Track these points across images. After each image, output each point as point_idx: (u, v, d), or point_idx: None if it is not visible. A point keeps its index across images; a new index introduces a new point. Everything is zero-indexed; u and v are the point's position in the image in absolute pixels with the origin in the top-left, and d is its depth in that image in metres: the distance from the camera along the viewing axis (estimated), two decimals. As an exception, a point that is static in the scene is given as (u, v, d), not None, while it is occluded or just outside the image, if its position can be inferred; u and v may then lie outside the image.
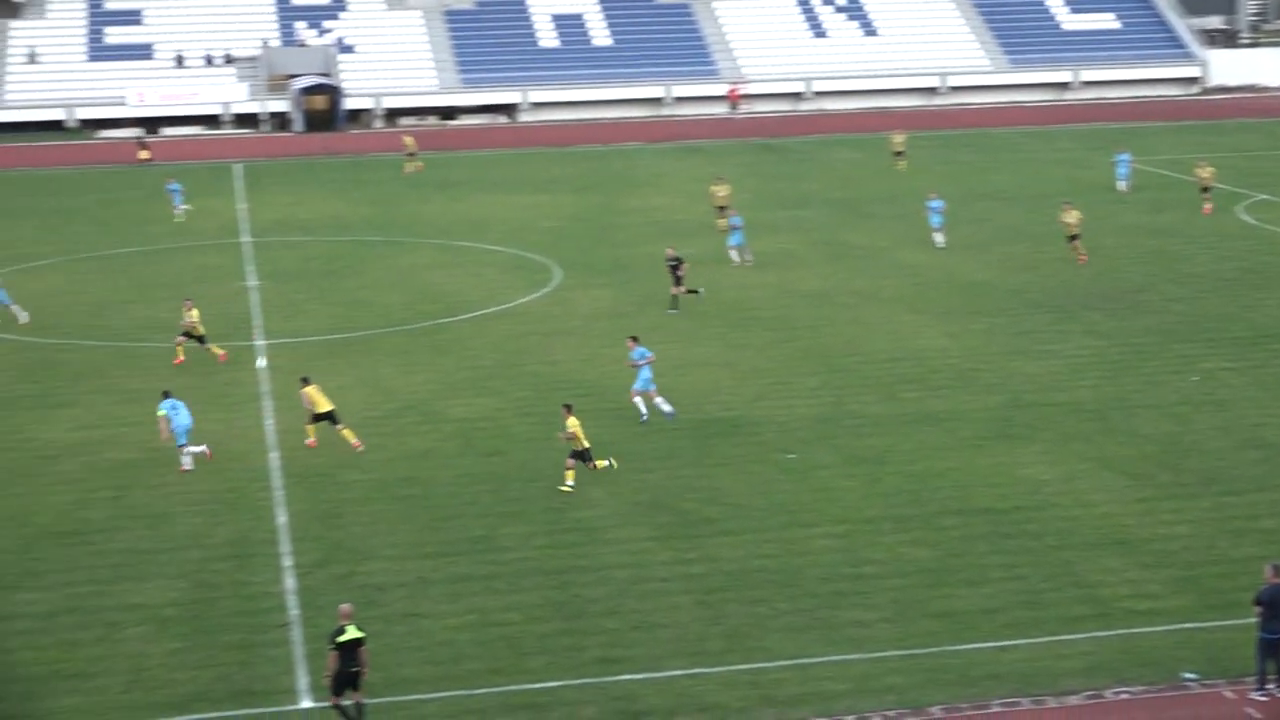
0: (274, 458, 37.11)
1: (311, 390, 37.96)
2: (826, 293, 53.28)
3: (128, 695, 25.75)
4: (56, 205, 74.88)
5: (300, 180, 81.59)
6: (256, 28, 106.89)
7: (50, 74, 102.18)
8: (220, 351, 45.37)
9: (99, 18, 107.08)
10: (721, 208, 63.54)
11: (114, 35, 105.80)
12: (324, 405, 37.79)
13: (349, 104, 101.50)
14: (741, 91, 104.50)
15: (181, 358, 44.93)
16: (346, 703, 24.40)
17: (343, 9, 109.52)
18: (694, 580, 29.66)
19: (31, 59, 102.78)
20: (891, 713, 24.80)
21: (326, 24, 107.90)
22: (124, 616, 28.47)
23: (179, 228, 67.94)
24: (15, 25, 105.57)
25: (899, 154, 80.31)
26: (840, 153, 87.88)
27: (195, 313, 45.12)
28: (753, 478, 35.09)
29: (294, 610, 28.62)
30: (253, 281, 56.74)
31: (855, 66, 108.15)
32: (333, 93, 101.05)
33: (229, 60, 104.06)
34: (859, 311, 50.49)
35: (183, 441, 36.26)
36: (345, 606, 25.00)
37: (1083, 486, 34.12)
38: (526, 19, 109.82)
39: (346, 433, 37.76)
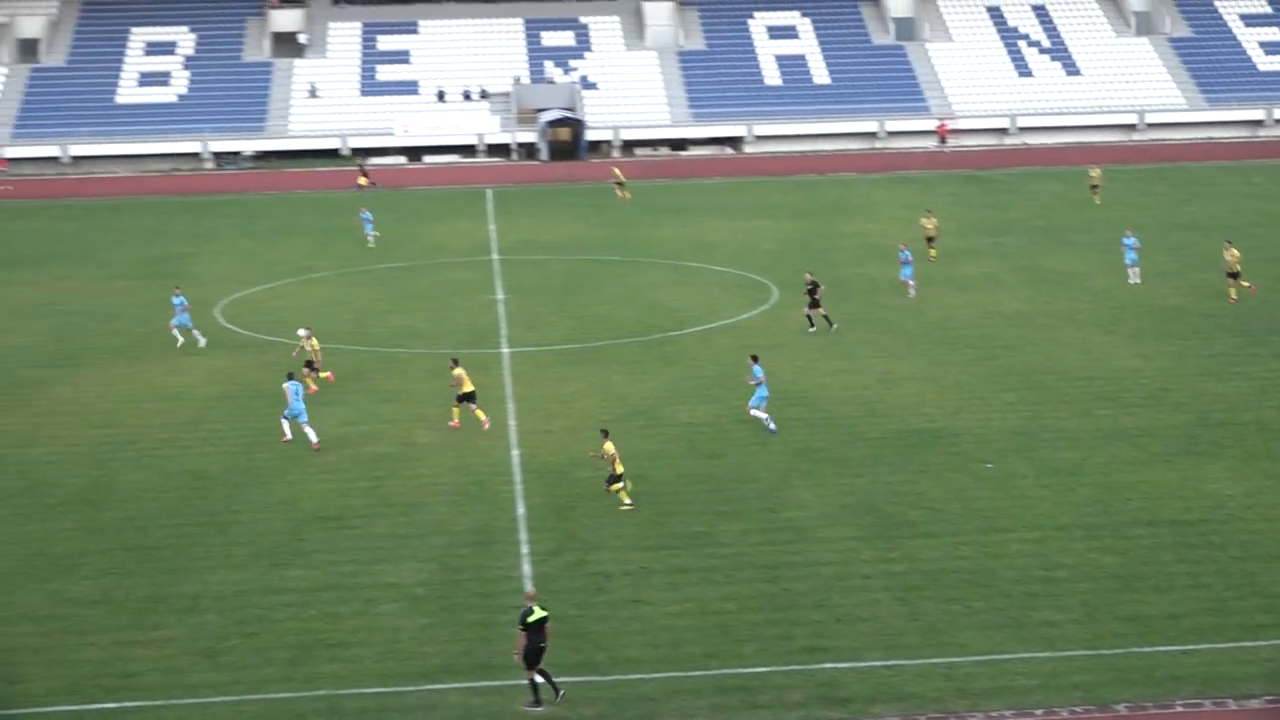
0: (515, 454, 37.58)
1: (460, 371, 39.74)
2: (1025, 314, 52.33)
3: (381, 665, 26.27)
4: (329, 224, 76.80)
5: (544, 204, 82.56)
6: (509, 67, 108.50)
7: (328, 107, 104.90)
8: (327, 374, 44.21)
9: (371, 57, 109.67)
10: (930, 239, 62.73)
11: (384, 73, 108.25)
12: (468, 386, 39.65)
13: (590, 135, 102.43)
14: (950, 126, 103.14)
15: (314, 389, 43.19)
16: (539, 680, 24.71)
17: (587, 49, 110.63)
18: (895, 578, 29.35)
19: (312, 94, 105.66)
20: (1079, 709, 24.27)
21: (572, 63, 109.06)
22: (380, 594, 29.06)
23: (436, 246, 69.19)
24: (299, 64, 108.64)
25: (1095, 188, 78.53)
26: (1042, 184, 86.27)
27: (314, 342, 44.29)
28: (952, 485, 34.61)
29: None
30: (500, 295, 57.54)
31: (1058, 104, 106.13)
32: (576, 125, 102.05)
33: (484, 96, 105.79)
34: (1056, 332, 49.50)
35: (297, 415, 38.29)
36: (530, 590, 25.56)
37: (1267, 501, 33.02)
38: (753, 59, 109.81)
39: (479, 412, 39.48)
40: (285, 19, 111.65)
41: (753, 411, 39.35)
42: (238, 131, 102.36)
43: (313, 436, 38.34)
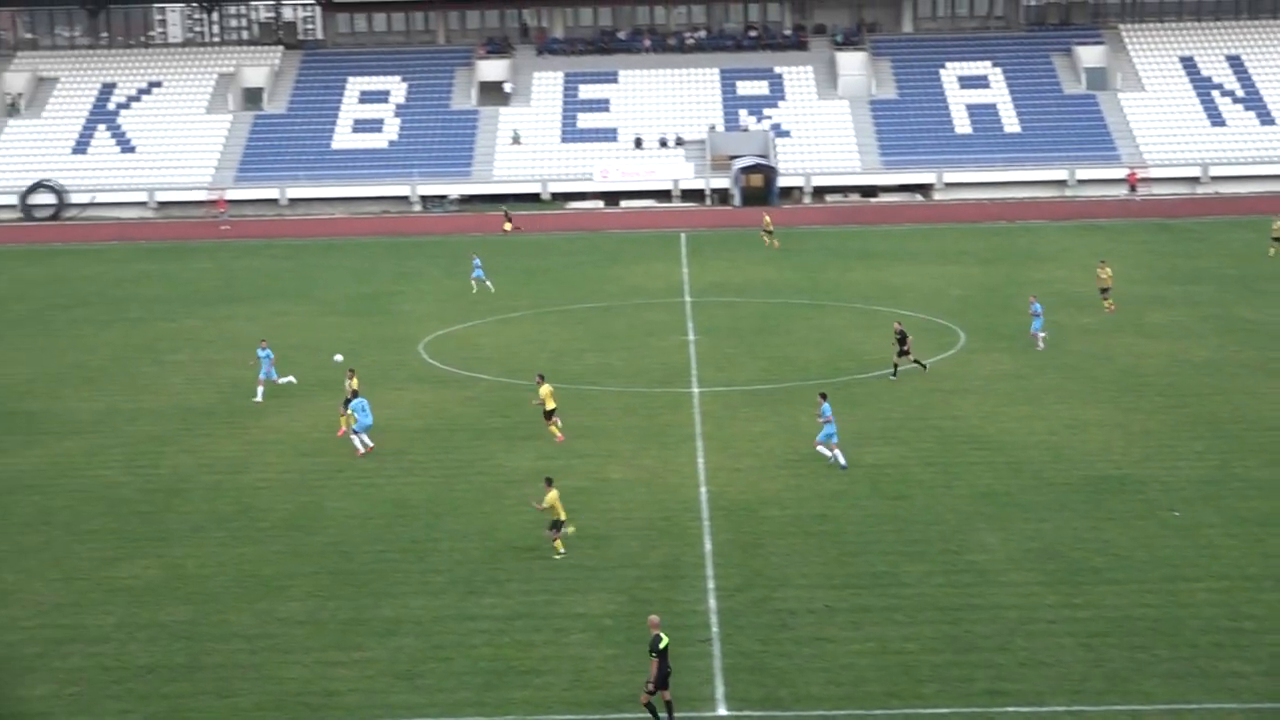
0: (704, 491, 37.55)
1: (546, 390, 42.02)
2: (1215, 363, 50.88)
3: (570, 692, 26.39)
4: (529, 265, 77.77)
5: (736, 248, 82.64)
6: (705, 115, 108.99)
7: (530, 153, 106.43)
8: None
9: (573, 105, 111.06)
10: (1104, 290, 61.24)
11: (585, 120, 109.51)
12: (551, 404, 41.95)
13: (782, 182, 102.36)
14: (1141, 175, 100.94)
15: (344, 429, 42.99)
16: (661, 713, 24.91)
17: (781, 98, 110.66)
18: (1079, 624, 28.66)
19: (515, 140, 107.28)
20: (1266, 762, 23.42)
21: (766, 111, 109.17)
22: (570, 623, 29.21)
23: (632, 287, 69.61)
24: (504, 111, 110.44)
25: (1277, 239, 76.04)
26: (1234, 234, 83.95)
27: (355, 381, 43.89)
28: (1139, 532, 33.71)
29: (715, 628, 28.85)
30: (692, 336, 57.66)
31: (1251, 153, 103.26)
32: (768, 172, 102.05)
33: (680, 143, 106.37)
34: (1248, 381, 48.02)
35: (359, 430, 41.02)
36: (654, 618, 25.56)
37: None
38: (944, 108, 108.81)
39: (554, 428, 41.82)
40: (492, 69, 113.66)
41: (819, 448, 39.30)
42: (445, 176, 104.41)
43: (361, 445, 41.18)
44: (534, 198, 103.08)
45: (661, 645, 24.90)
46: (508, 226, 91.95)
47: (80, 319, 65.01)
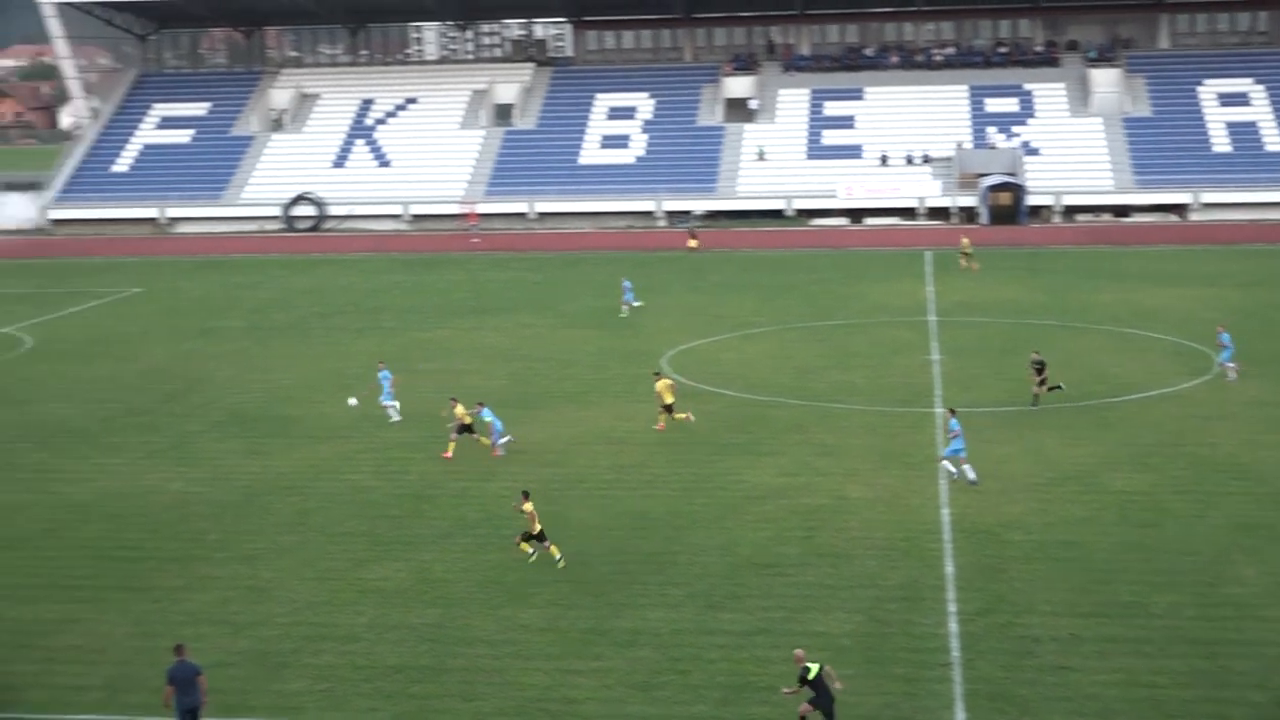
0: (945, 513, 36.96)
1: (662, 385, 45.30)
2: None
3: (807, 711, 26.16)
4: (773, 281, 77.68)
5: (983, 267, 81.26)
6: (952, 132, 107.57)
7: (775, 170, 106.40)
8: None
9: (818, 122, 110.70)
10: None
11: (830, 137, 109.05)
12: (669, 398, 45.23)
13: (1031, 200, 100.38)
14: None
15: (450, 454, 43.52)
16: None
17: (1030, 115, 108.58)
18: (1342, 664, 27.36)
19: (760, 157, 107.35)
20: None
21: (1015, 129, 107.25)
22: (808, 642, 28.96)
23: (877, 305, 69.02)
24: (749, 128, 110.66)
25: None
26: None
27: (460, 409, 44.05)
28: None
29: (955, 652, 28.34)
30: (936, 355, 56.88)
31: None
32: (1017, 190, 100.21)
33: (926, 160, 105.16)
34: None
35: (499, 439, 43.05)
36: (799, 652, 25.27)
37: None
38: (1201, 125, 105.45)
39: (680, 416, 45.20)
40: (738, 85, 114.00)
41: (944, 462, 39.25)
42: (689, 192, 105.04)
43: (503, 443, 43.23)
44: (777, 214, 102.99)
45: (811, 675, 24.57)
46: (693, 243, 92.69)
47: (337, 327, 67.09)
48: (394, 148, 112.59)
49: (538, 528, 34.04)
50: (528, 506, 34.08)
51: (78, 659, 29.09)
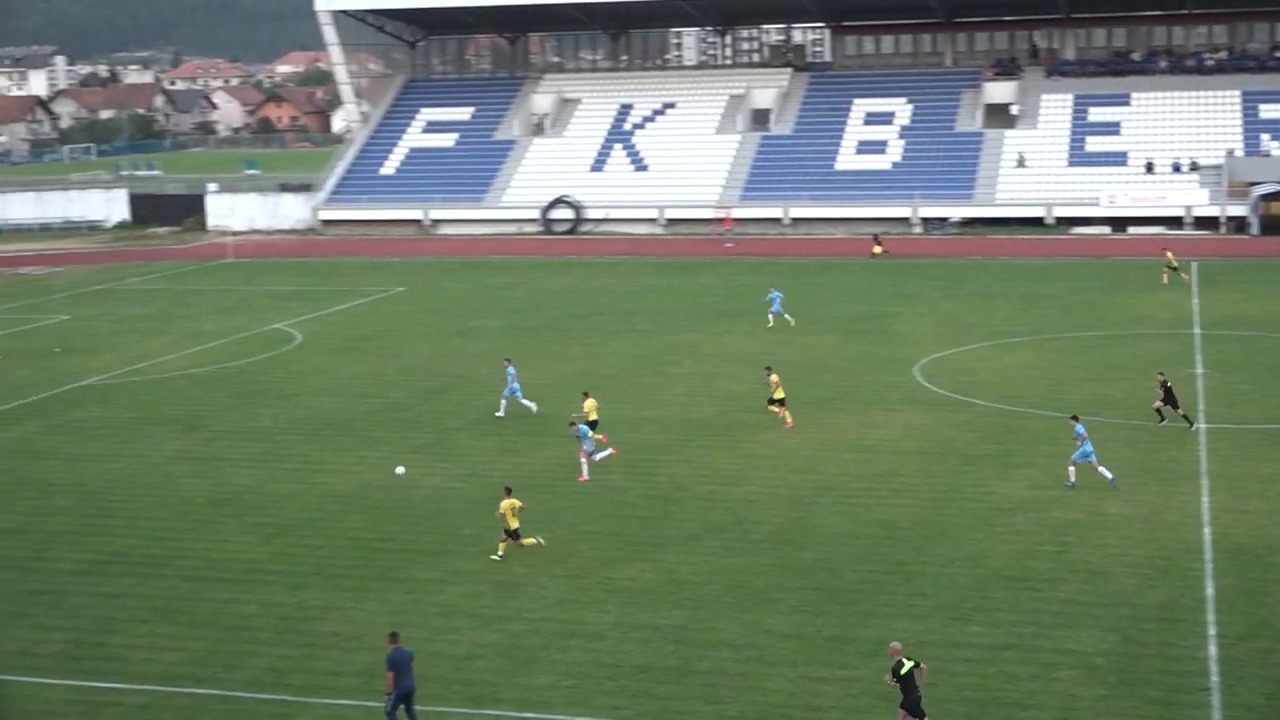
0: (1207, 532, 35.74)
1: (776, 377, 47.45)
2: None
3: (1056, 730, 25.62)
4: (1030, 290, 76.14)
5: (1253, 280, 78.34)
6: (1222, 139, 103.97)
7: (1035, 177, 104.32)
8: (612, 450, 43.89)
9: (1081, 128, 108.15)
10: None
11: (1094, 144, 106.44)
12: (779, 394, 47.01)
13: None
14: None
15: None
16: None
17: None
18: None
19: (1020, 163, 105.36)
20: None
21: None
22: (1059, 659, 28.37)
23: (1138, 316, 67.08)
24: (1009, 134, 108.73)
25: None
26: None
27: (590, 403, 45.06)
28: None
29: (1214, 677, 27.38)
30: (1200, 370, 55.01)
31: None
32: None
33: (1194, 168, 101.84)
34: None
35: (590, 450, 41.94)
36: (895, 644, 25.14)
37: None
38: None
39: (785, 412, 46.98)
40: (999, 90, 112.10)
41: (1071, 469, 39.73)
42: (946, 198, 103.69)
43: (588, 464, 41.89)
44: (1037, 222, 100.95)
45: (903, 671, 24.62)
46: (877, 249, 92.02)
47: (592, 329, 68.04)
48: (651, 152, 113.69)
49: (515, 524, 34.83)
50: (505, 504, 34.92)
51: (337, 645, 30.13)
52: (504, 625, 30.98)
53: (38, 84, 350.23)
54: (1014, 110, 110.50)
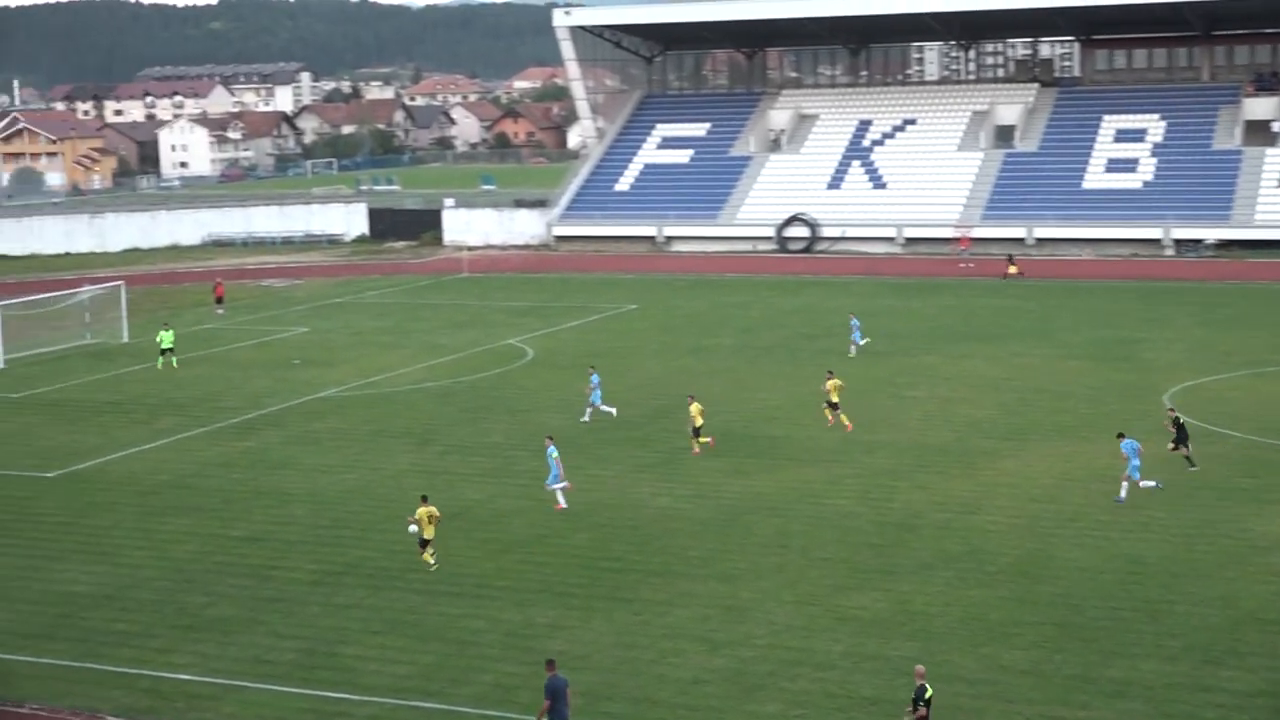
0: None
1: (833, 383, 50.41)
2: None
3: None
4: (1291, 317, 73.52)
5: None
6: None
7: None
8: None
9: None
10: None
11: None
12: (835, 396, 50.89)
13: None
14: None
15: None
16: None
17: None
18: None
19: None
20: None
21: None
22: (1318, 709, 27.21)
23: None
24: (1270, 152, 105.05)
25: None
26: None
27: (696, 406, 48.61)
28: None
29: None
30: None
31: None
32: None
33: None
34: None
35: (552, 484, 41.87)
36: (920, 668, 24.78)
37: None
38: None
39: (842, 418, 50.18)
40: (1260, 106, 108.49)
41: (1138, 483, 40.94)
42: (1201, 219, 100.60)
43: (561, 501, 41.77)
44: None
45: (927, 696, 24.66)
46: (1012, 270, 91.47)
47: (825, 350, 67.60)
48: (890, 169, 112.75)
49: (430, 534, 36.42)
50: (421, 512, 36.38)
51: (563, 664, 30.33)
52: (731, 650, 30.91)
53: (284, 100, 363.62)
54: (1276, 128, 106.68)
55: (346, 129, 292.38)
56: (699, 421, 48.23)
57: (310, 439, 52.04)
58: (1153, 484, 41.37)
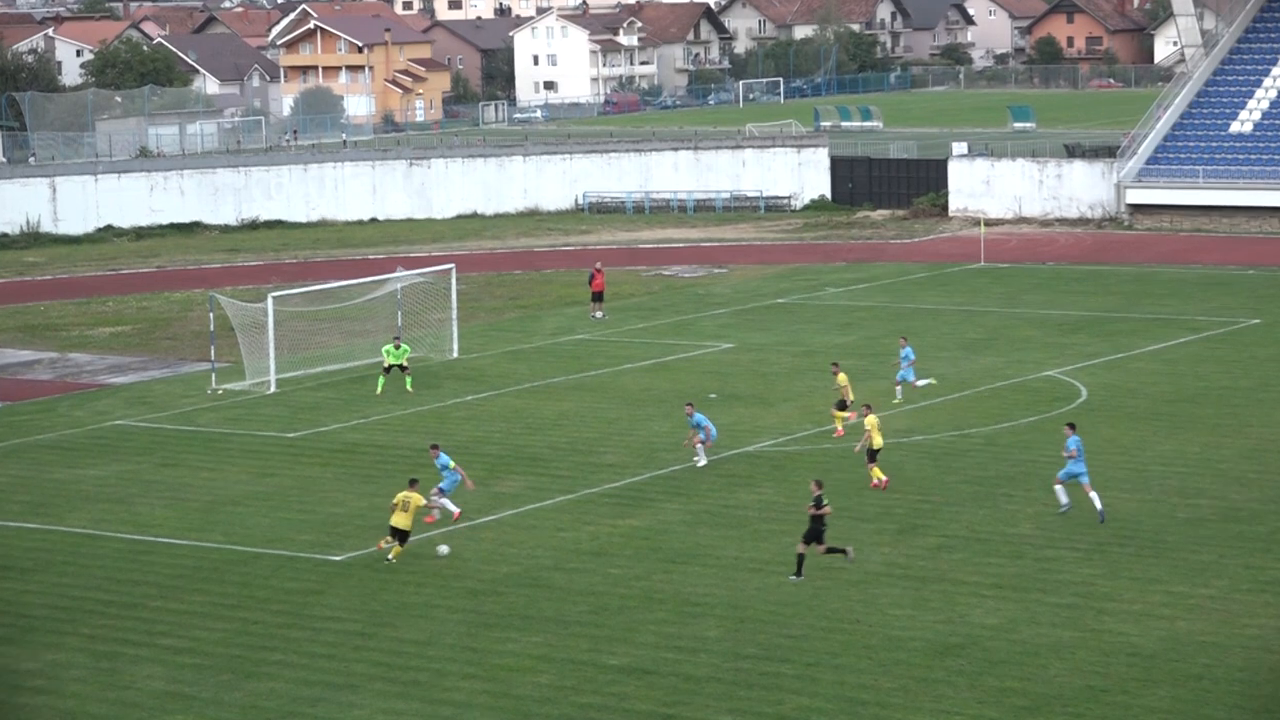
0: None
1: (872, 419, 54.74)
2: None
3: None
4: None
5: None
6: None
7: None
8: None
9: None
10: None
11: None
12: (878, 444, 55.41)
13: None
14: None
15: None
16: None
17: None
18: None
19: None
20: None
21: None
22: None
23: None
24: None
25: None
26: None
27: (843, 376, 60.43)
28: None
29: None
30: None
31: None
32: None
33: None
34: None
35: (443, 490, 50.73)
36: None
37: None
38: None
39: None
40: None
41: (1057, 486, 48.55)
42: None
43: (451, 506, 50.81)
44: None
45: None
46: None
47: None
48: None
49: (404, 524, 47.22)
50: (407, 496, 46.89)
51: None
52: None
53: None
54: None
55: (801, 31, 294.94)
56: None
57: (731, 518, 52.07)
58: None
